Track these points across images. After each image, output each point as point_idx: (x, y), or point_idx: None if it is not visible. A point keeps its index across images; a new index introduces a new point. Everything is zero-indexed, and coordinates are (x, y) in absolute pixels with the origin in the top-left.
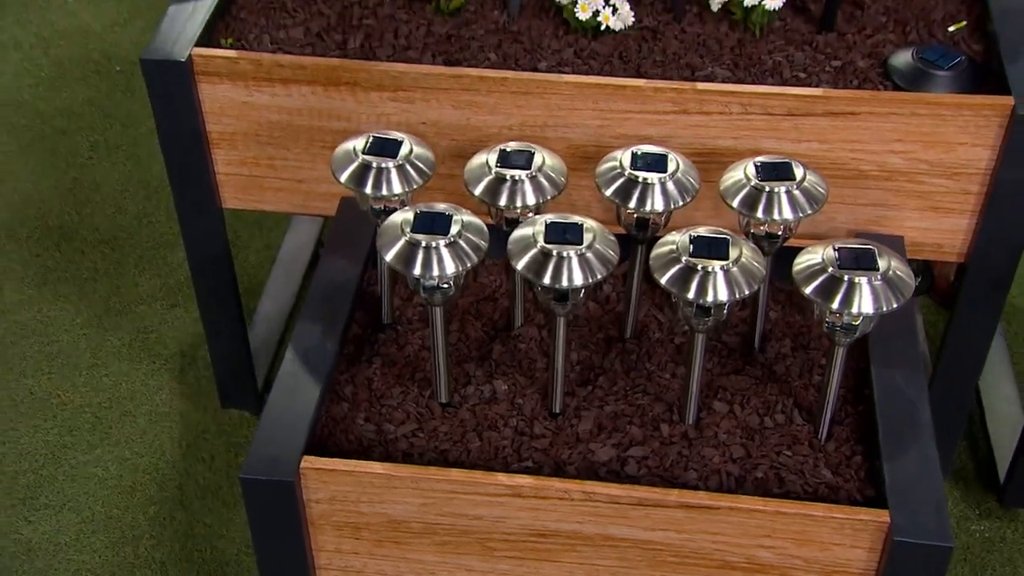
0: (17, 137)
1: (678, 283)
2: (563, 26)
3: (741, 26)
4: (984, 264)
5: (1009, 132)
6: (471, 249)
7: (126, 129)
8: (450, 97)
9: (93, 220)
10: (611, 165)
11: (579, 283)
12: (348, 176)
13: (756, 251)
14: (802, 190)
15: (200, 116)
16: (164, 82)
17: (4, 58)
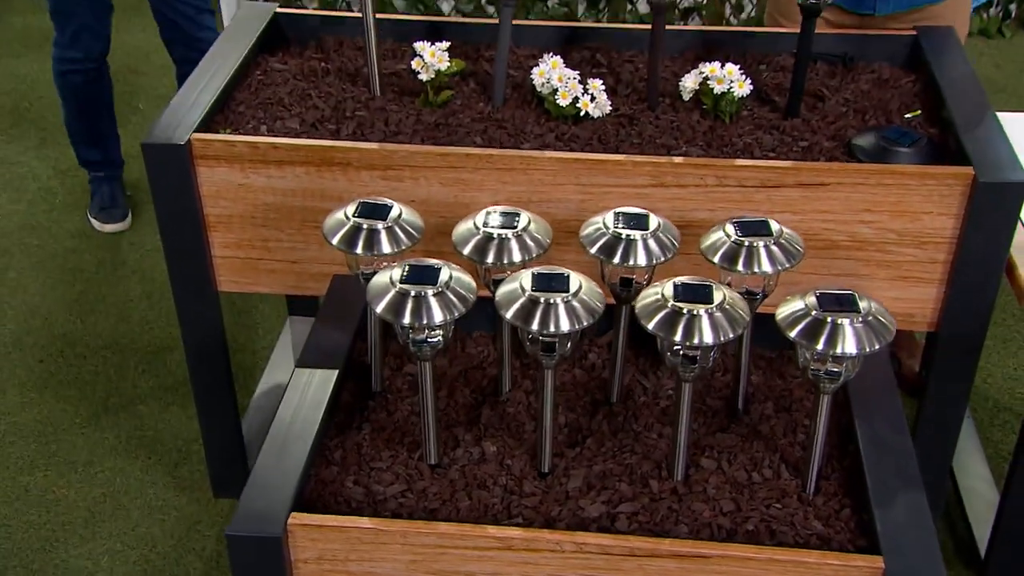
0: (29, 256)
1: (664, 327)
2: (544, 114)
3: (711, 114)
4: (954, 332)
5: (971, 200)
6: (458, 300)
7: (132, 247)
8: (437, 175)
9: (96, 328)
10: (595, 226)
11: (566, 329)
12: (340, 238)
13: (739, 298)
14: (779, 245)
15: (198, 199)
16: (164, 166)
17: (23, 188)
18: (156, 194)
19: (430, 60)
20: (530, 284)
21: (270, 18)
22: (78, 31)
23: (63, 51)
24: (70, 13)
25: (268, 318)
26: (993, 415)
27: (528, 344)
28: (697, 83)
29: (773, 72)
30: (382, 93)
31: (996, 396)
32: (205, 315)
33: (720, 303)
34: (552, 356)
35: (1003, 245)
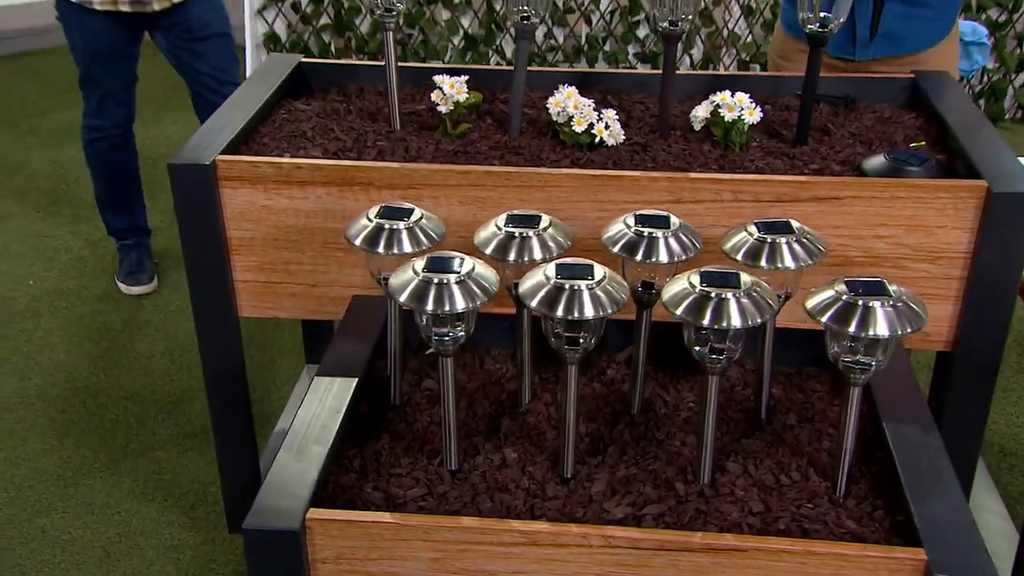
0: (57, 317)
1: (692, 312)
2: (560, 144)
3: (722, 144)
4: (970, 352)
5: (986, 212)
6: (480, 290)
7: (157, 308)
8: (458, 193)
9: (119, 381)
10: (617, 227)
11: (590, 315)
12: (362, 239)
13: (766, 284)
14: (801, 243)
15: (222, 222)
16: (189, 186)
17: (55, 258)
18: (181, 217)
19: (449, 92)
20: (554, 273)
21: (294, 67)
22: (103, 98)
23: (90, 119)
24: (96, 82)
25: (285, 370)
26: (1000, 459)
27: (552, 339)
28: (708, 112)
29: (779, 111)
30: (402, 127)
31: (1001, 442)
32: (226, 341)
33: (747, 288)
34: (576, 349)
35: (1018, 259)
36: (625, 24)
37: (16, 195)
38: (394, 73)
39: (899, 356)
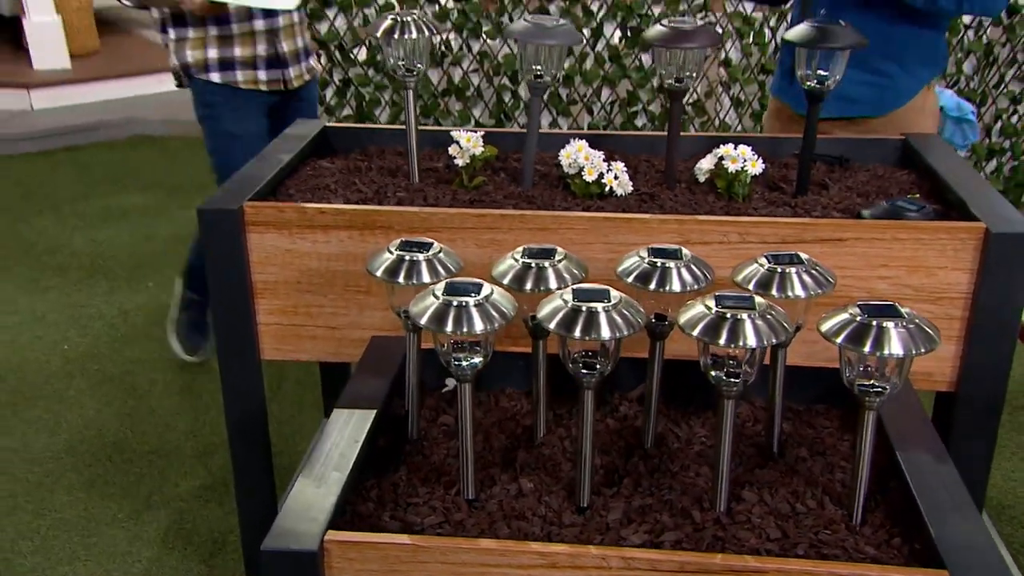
0: (89, 379)
1: (709, 333)
2: (571, 195)
3: (726, 195)
4: (974, 392)
5: (984, 253)
6: (498, 313)
7: (183, 369)
8: (474, 236)
9: (145, 436)
10: (631, 260)
11: (607, 336)
12: (383, 270)
13: (780, 310)
14: (811, 274)
15: (247, 266)
16: (218, 231)
17: (89, 326)
18: (209, 262)
19: (466, 145)
20: (571, 297)
21: (319, 130)
22: None
23: None
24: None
25: (305, 424)
26: (999, 511)
27: (569, 364)
28: (712, 164)
29: (778, 169)
30: (420, 180)
31: (999, 496)
32: (248, 384)
33: (762, 311)
34: (592, 374)
35: (1018, 299)
36: (624, 114)
37: (57, 270)
38: (413, 129)
39: (907, 388)
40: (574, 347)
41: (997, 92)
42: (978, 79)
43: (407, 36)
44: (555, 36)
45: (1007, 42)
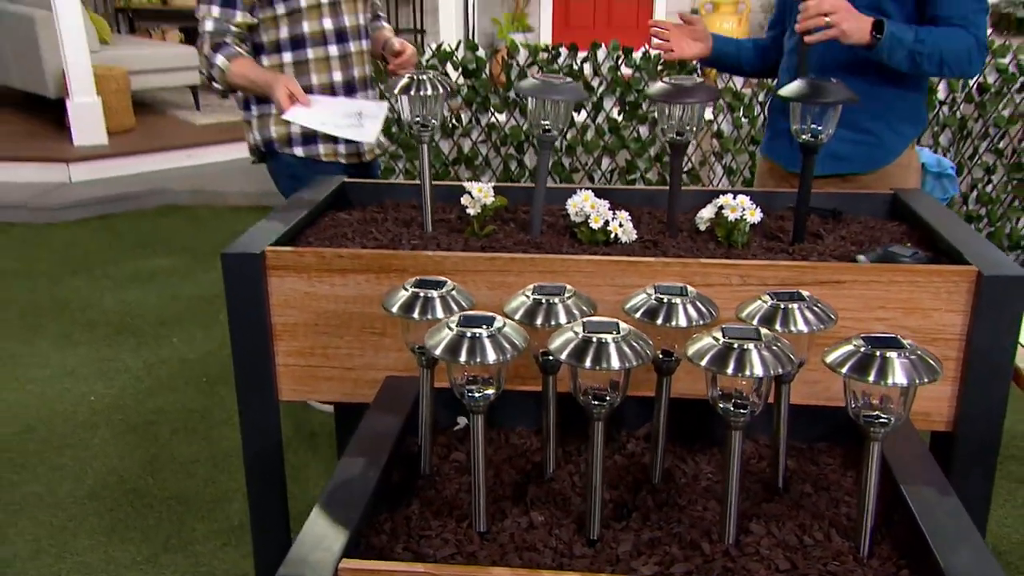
0: (113, 428)
1: (716, 362)
2: (578, 242)
3: (725, 243)
4: (971, 432)
5: (977, 295)
6: (510, 345)
7: (203, 419)
8: (486, 278)
9: (165, 483)
10: (638, 297)
11: (616, 366)
12: (399, 306)
13: (785, 342)
14: (813, 310)
15: (267, 309)
16: (240, 275)
17: (115, 378)
18: (231, 305)
19: (477, 195)
20: (582, 328)
21: (338, 185)
22: None
23: None
24: None
25: (320, 471)
26: None
27: (580, 396)
28: (712, 213)
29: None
30: (433, 229)
31: (994, 542)
32: (266, 423)
33: (768, 342)
34: (603, 405)
35: (1010, 339)
36: (623, 181)
37: (87, 327)
38: (427, 180)
39: (906, 424)
40: (585, 379)
41: (972, 163)
42: (954, 151)
43: (423, 93)
44: (562, 92)
45: (979, 117)
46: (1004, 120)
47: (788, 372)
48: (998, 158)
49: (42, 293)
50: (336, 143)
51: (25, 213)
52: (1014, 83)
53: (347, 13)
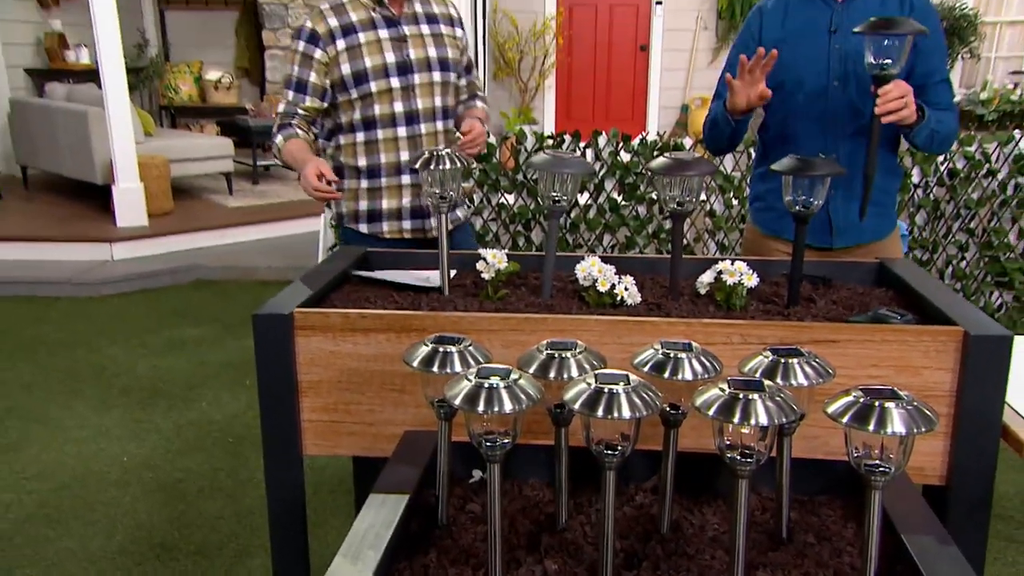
0: (144, 486)
1: (723, 412)
2: (586, 305)
3: (725, 306)
4: (964, 485)
5: (964, 354)
6: (525, 396)
7: (228, 477)
8: (500, 337)
9: (191, 538)
10: (646, 352)
11: (627, 416)
12: (419, 361)
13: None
14: (811, 365)
15: (295, 367)
16: (270, 334)
17: (145, 439)
18: (260, 363)
19: (492, 261)
20: (594, 380)
21: (361, 254)
22: None
23: None
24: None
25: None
26: None
27: (593, 445)
28: (712, 277)
29: (769, 286)
30: (450, 292)
31: None
32: (290, 478)
33: (771, 392)
34: (614, 454)
35: (998, 395)
36: None
37: (122, 391)
38: (445, 247)
39: (903, 476)
40: (597, 429)
41: (946, 241)
42: (929, 229)
43: (441, 167)
44: (571, 166)
45: (951, 200)
46: (974, 202)
47: (791, 422)
48: (970, 237)
49: (82, 361)
50: (400, 220)
51: (70, 288)
52: (980, 169)
53: (420, 97)
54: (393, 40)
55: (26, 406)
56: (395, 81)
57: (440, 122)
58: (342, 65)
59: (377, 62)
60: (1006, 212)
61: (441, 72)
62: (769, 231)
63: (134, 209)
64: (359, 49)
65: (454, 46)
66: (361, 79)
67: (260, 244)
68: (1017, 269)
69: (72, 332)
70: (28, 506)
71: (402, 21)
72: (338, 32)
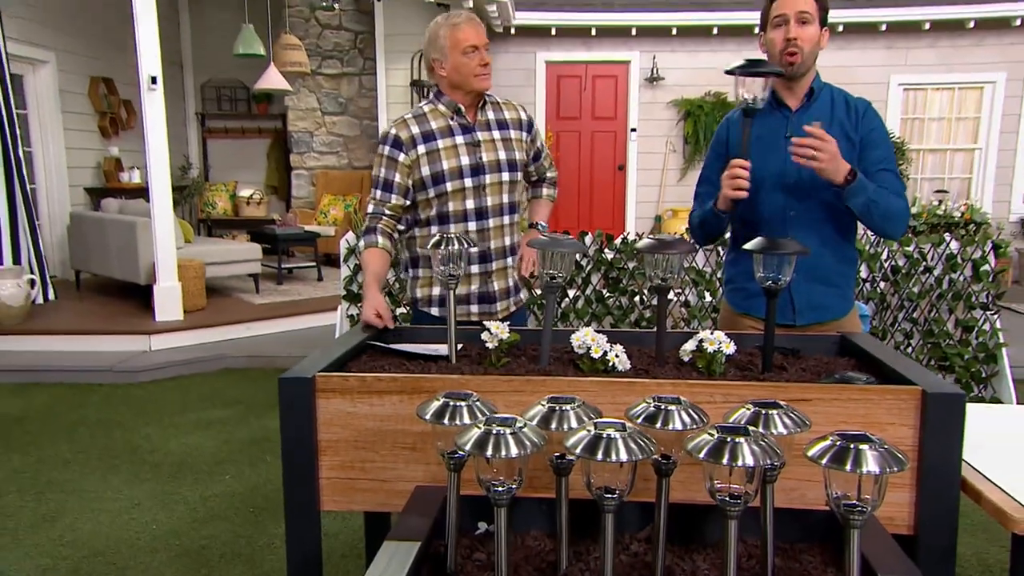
0: (170, 552)
1: (713, 454)
2: (581, 371)
3: (706, 372)
4: (931, 533)
5: (923, 411)
6: (529, 442)
7: (248, 544)
8: (503, 398)
9: None
10: (639, 406)
11: (624, 458)
12: (432, 414)
13: (771, 439)
14: (790, 416)
15: (315, 427)
16: (294, 397)
17: (173, 509)
18: (284, 423)
19: (495, 331)
20: (594, 427)
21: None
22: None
23: None
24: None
25: None
26: None
27: (593, 490)
28: (694, 345)
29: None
30: (457, 361)
31: None
32: (309, 534)
33: (757, 437)
34: (613, 498)
35: (955, 448)
36: None
37: (153, 466)
38: (452, 320)
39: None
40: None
41: (893, 329)
42: (878, 319)
43: (450, 248)
44: (566, 246)
45: (895, 293)
46: (915, 295)
47: (775, 464)
48: (913, 325)
49: (118, 440)
50: (469, 304)
51: (111, 375)
52: (919, 266)
53: (490, 195)
54: (468, 145)
55: (64, 480)
56: (468, 181)
57: (507, 216)
58: (422, 167)
59: (453, 164)
60: (943, 304)
61: (509, 172)
62: (740, 309)
63: (171, 305)
64: (437, 153)
65: (521, 148)
66: (438, 179)
67: (281, 336)
68: (956, 354)
69: (110, 414)
70: (63, 571)
71: (476, 128)
72: (419, 138)
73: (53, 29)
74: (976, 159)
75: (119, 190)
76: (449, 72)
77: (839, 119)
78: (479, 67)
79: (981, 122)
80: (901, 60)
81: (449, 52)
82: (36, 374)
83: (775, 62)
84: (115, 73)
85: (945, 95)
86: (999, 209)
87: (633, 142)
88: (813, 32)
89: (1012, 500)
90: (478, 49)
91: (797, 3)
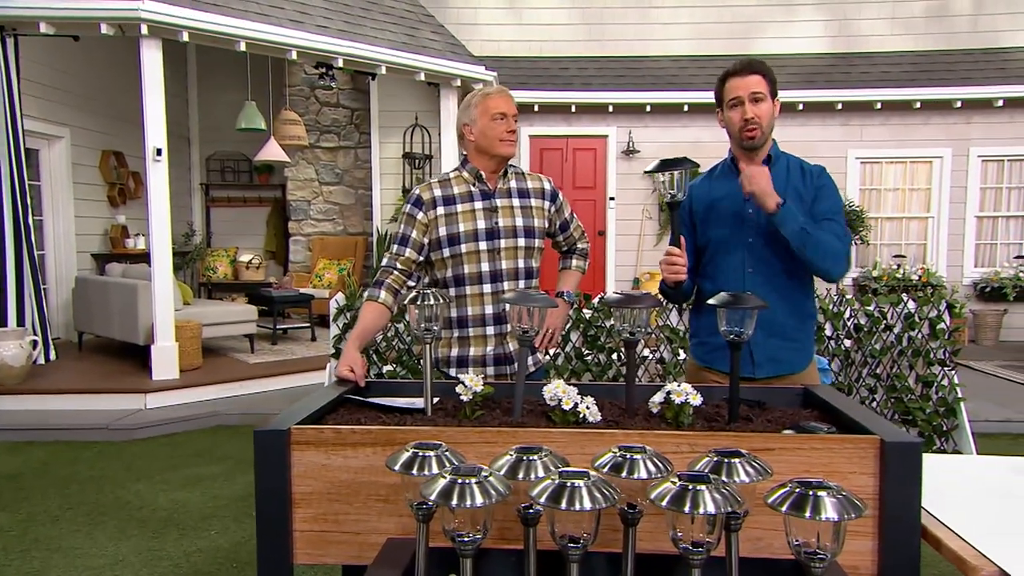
0: None
1: (675, 502)
2: (552, 423)
3: (674, 423)
4: None
5: (882, 459)
6: (494, 491)
7: None
8: (475, 449)
9: None
10: (605, 456)
11: (588, 507)
12: (401, 464)
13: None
14: (752, 465)
15: (289, 479)
16: (268, 449)
17: (157, 565)
18: (258, 476)
19: (470, 384)
20: (558, 477)
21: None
22: None
23: None
24: None
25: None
26: None
27: (557, 539)
28: (662, 397)
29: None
30: (432, 414)
31: None
32: None
33: (717, 485)
34: (578, 548)
35: (915, 495)
36: None
37: (140, 522)
38: (429, 371)
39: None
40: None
41: (858, 385)
42: (844, 375)
43: (427, 303)
44: (537, 301)
45: (859, 350)
46: (877, 352)
47: (736, 513)
48: (877, 381)
49: (108, 495)
50: (484, 366)
51: (106, 432)
52: (880, 324)
53: (505, 259)
54: (486, 210)
55: (51, 537)
56: (483, 244)
57: (522, 281)
58: (439, 228)
59: (469, 227)
60: (904, 360)
61: (525, 238)
62: (703, 363)
63: (168, 364)
64: (455, 216)
65: (543, 216)
66: (454, 240)
67: (274, 393)
68: (918, 408)
69: (102, 471)
70: None
71: (496, 194)
72: (440, 200)
73: (69, 107)
74: (930, 226)
75: (124, 255)
76: (477, 136)
77: (794, 184)
78: (505, 132)
79: (932, 193)
80: (857, 136)
81: (479, 117)
82: (34, 432)
83: (736, 138)
84: (125, 147)
85: (899, 168)
86: (953, 273)
87: (612, 209)
88: (767, 107)
89: (970, 547)
90: (506, 117)
91: (749, 84)
